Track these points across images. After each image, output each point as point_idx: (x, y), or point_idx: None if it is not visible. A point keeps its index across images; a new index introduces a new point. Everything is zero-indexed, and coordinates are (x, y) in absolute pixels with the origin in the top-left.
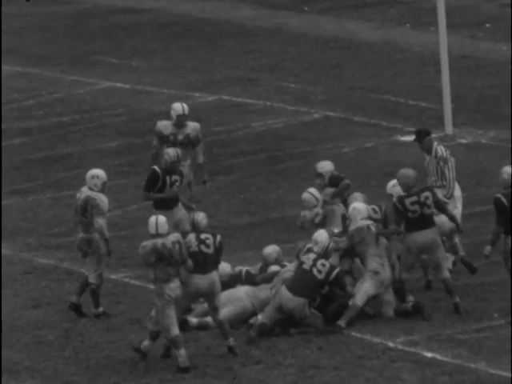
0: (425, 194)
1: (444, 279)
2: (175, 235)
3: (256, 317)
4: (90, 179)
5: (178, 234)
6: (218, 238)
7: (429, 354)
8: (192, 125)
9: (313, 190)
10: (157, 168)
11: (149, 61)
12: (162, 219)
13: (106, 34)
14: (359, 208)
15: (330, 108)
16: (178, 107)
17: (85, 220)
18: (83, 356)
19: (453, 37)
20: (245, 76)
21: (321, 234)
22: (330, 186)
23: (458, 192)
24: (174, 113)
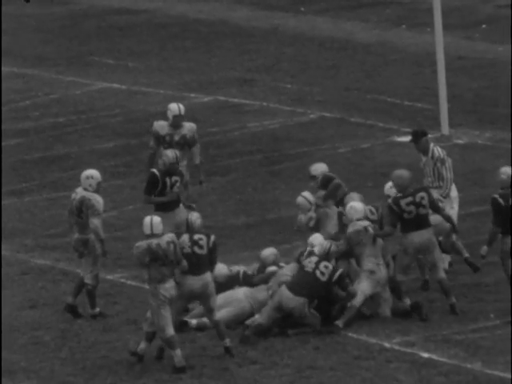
0: (420, 195)
1: (440, 280)
2: (170, 235)
3: (252, 318)
4: (85, 180)
5: (173, 234)
6: (212, 238)
7: (425, 355)
8: (188, 125)
9: (306, 193)
10: (155, 171)
11: (145, 61)
12: (156, 219)
13: (102, 35)
14: (356, 207)
15: (326, 109)
16: (174, 108)
17: (80, 221)
18: (79, 356)
19: (449, 37)
20: (241, 77)
21: (316, 238)
22: (322, 187)
23: (455, 192)
24: (170, 113)
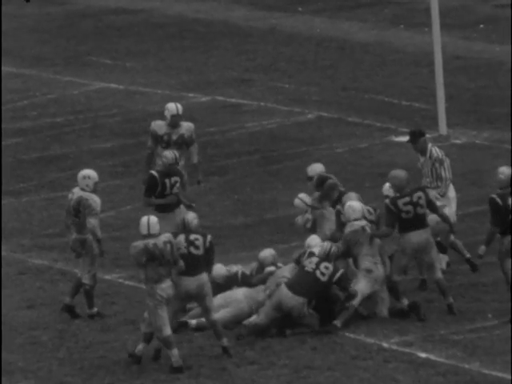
0: (417, 194)
1: (437, 280)
2: (166, 235)
3: (250, 319)
4: (82, 180)
5: (170, 234)
6: (209, 238)
7: (423, 355)
8: (186, 125)
9: (303, 195)
10: (154, 172)
11: (143, 61)
12: (153, 219)
13: (99, 35)
14: (354, 207)
15: (323, 108)
16: (172, 107)
17: (78, 221)
18: (77, 357)
19: (447, 37)
20: (239, 76)
21: (313, 239)
22: (317, 188)
23: (453, 193)
24: (168, 113)
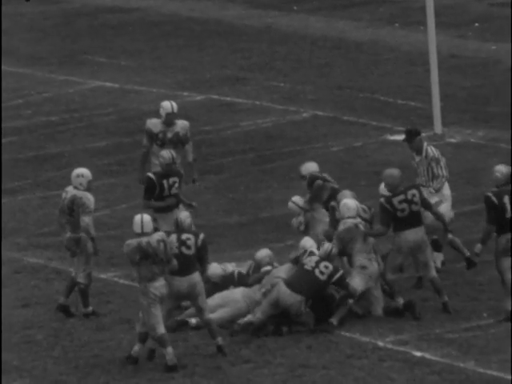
0: (411, 192)
1: (431, 278)
2: (160, 234)
3: (245, 318)
4: (75, 178)
5: (163, 232)
6: (201, 236)
7: (418, 354)
8: (181, 123)
9: (296, 198)
10: (151, 175)
11: (138, 60)
12: (146, 218)
13: (94, 34)
14: (349, 205)
15: (319, 107)
16: (167, 105)
17: (72, 219)
18: (72, 355)
19: (442, 36)
20: (234, 75)
21: (307, 241)
22: (309, 187)
23: (448, 191)
24: (163, 111)
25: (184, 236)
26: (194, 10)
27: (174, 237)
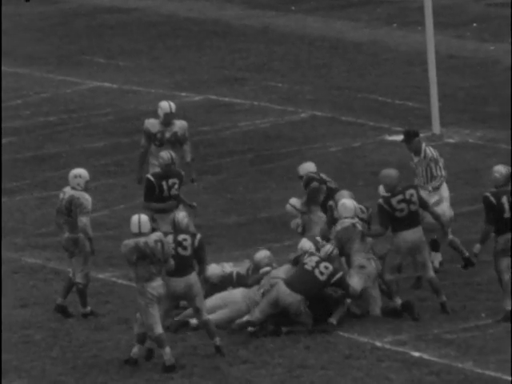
0: (409, 192)
1: (429, 279)
2: (157, 234)
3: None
4: (73, 179)
5: (160, 233)
6: (198, 237)
7: (416, 354)
8: (179, 123)
9: (294, 200)
10: (150, 176)
11: (136, 60)
12: (144, 218)
13: (92, 34)
14: (347, 205)
15: (317, 108)
16: (165, 105)
17: (70, 220)
18: (70, 356)
19: (440, 36)
20: (232, 76)
21: (305, 243)
22: (306, 188)
23: (446, 192)
24: (161, 111)
25: (180, 237)
26: (192, 11)
27: (170, 238)
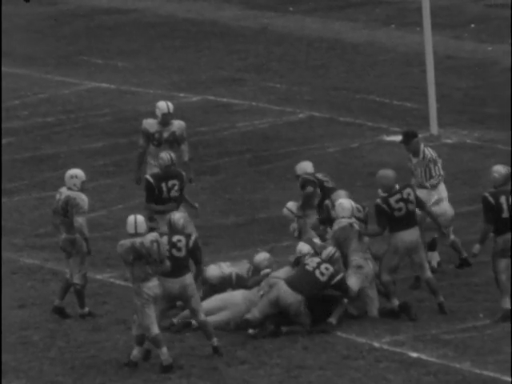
0: (407, 191)
1: (427, 279)
2: (153, 234)
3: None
4: (69, 179)
5: (156, 233)
6: (193, 238)
7: (414, 354)
8: (177, 123)
9: (291, 204)
10: (149, 177)
11: (134, 61)
12: (140, 219)
13: (91, 35)
14: (344, 206)
15: (315, 108)
16: (162, 106)
17: (67, 220)
18: (68, 356)
19: (438, 37)
20: (230, 76)
21: (303, 246)
22: (302, 189)
23: (445, 192)
24: (159, 111)
25: (175, 238)
26: (190, 11)
27: (164, 239)
